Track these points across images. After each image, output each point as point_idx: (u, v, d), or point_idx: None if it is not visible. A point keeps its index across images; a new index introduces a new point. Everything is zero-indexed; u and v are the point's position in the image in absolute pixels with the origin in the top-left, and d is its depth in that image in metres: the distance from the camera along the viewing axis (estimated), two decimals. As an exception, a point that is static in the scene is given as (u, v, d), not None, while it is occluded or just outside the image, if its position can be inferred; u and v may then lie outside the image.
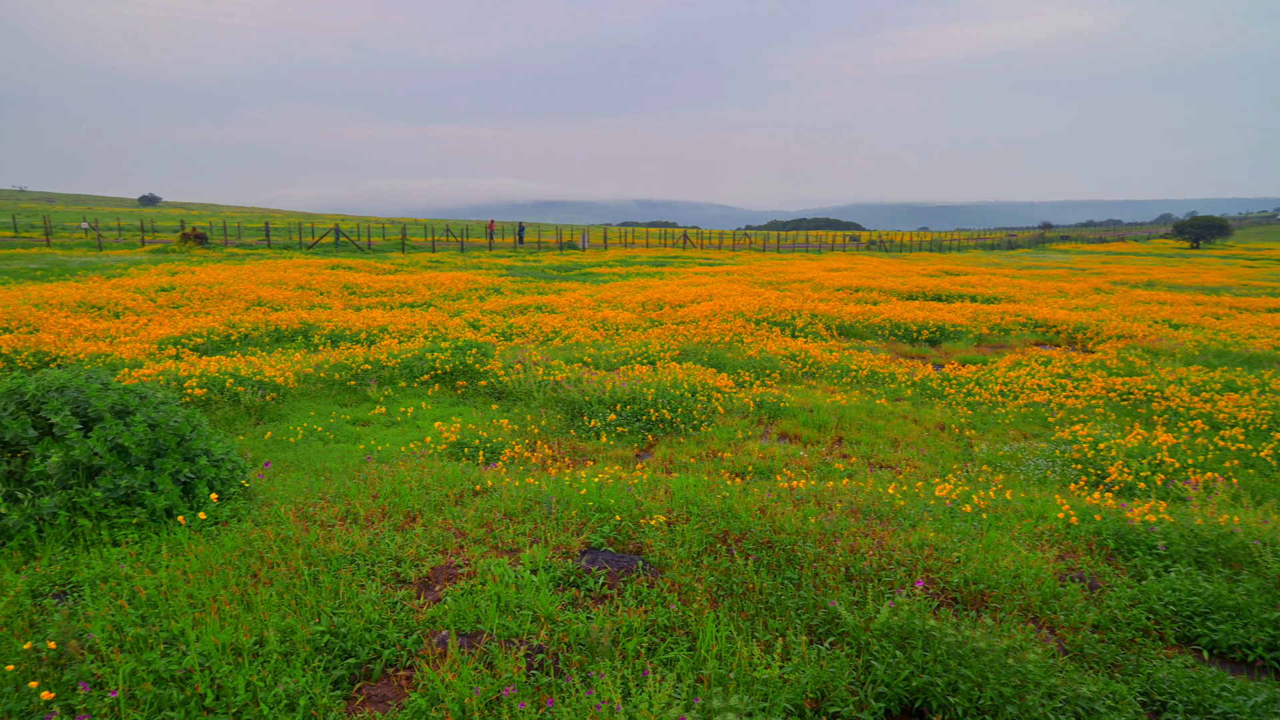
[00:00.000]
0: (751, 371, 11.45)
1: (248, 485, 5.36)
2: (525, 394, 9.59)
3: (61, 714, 2.92)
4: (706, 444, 7.97)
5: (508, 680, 3.17)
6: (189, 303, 17.09)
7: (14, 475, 4.72)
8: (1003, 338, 16.37)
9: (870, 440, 8.25)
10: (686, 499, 5.06)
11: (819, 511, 4.99)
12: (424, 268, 31.44)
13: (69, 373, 5.23)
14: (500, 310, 17.56)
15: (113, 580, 3.91)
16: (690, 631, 3.67)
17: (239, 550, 4.26)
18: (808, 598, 3.93)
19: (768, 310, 16.43)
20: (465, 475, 5.75)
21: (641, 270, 33.42)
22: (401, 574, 4.13)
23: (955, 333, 16.21)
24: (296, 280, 21.59)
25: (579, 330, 14.48)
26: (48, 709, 2.95)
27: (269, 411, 8.85)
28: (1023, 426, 9.12)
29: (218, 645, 3.31)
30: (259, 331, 13.43)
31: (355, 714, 3.10)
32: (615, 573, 4.19)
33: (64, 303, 15.25)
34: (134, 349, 11.42)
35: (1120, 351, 13.23)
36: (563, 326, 14.87)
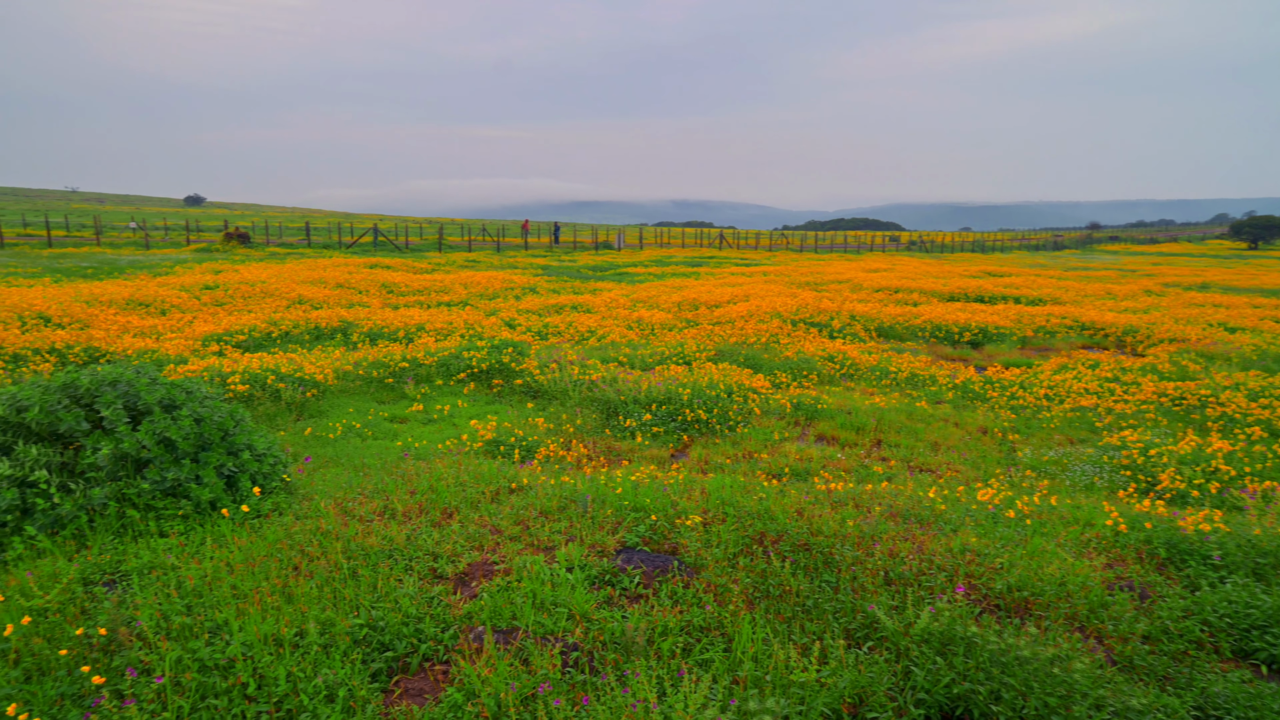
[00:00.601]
0: (788, 373, 11.37)
1: (289, 480, 5.47)
2: (561, 393, 9.64)
3: (111, 698, 3.02)
4: (742, 445, 7.93)
5: (543, 677, 3.20)
6: (232, 300, 17.51)
7: (67, 467, 4.88)
8: (1048, 340, 16.03)
9: (910, 443, 8.14)
10: (722, 500, 5.04)
11: (857, 514, 4.93)
12: (460, 267, 31.79)
13: (119, 368, 5.40)
14: (536, 309, 17.68)
15: (160, 570, 4.03)
16: (726, 633, 3.66)
17: (280, 543, 4.35)
18: (846, 601, 3.89)
19: (805, 311, 16.30)
20: (501, 473, 5.80)
21: (677, 270, 33.39)
22: (438, 569, 4.18)
23: (998, 335, 15.91)
24: (336, 279, 21.99)
25: (614, 330, 14.52)
26: (98, 693, 3.05)
27: (309, 408, 9.03)
28: (1069, 431, 8.92)
29: (260, 636, 3.38)
30: (299, 329, 13.71)
31: (393, 707, 3.14)
32: (650, 572, 4.19)
33: (113, 300, 15.73)
34: (179, 345, 11.74)
35: (1173, 355, 12.86)
36: (598, 326, 14.92)
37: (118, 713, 2.92)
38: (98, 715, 2.92)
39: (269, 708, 3.05)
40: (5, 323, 12.03)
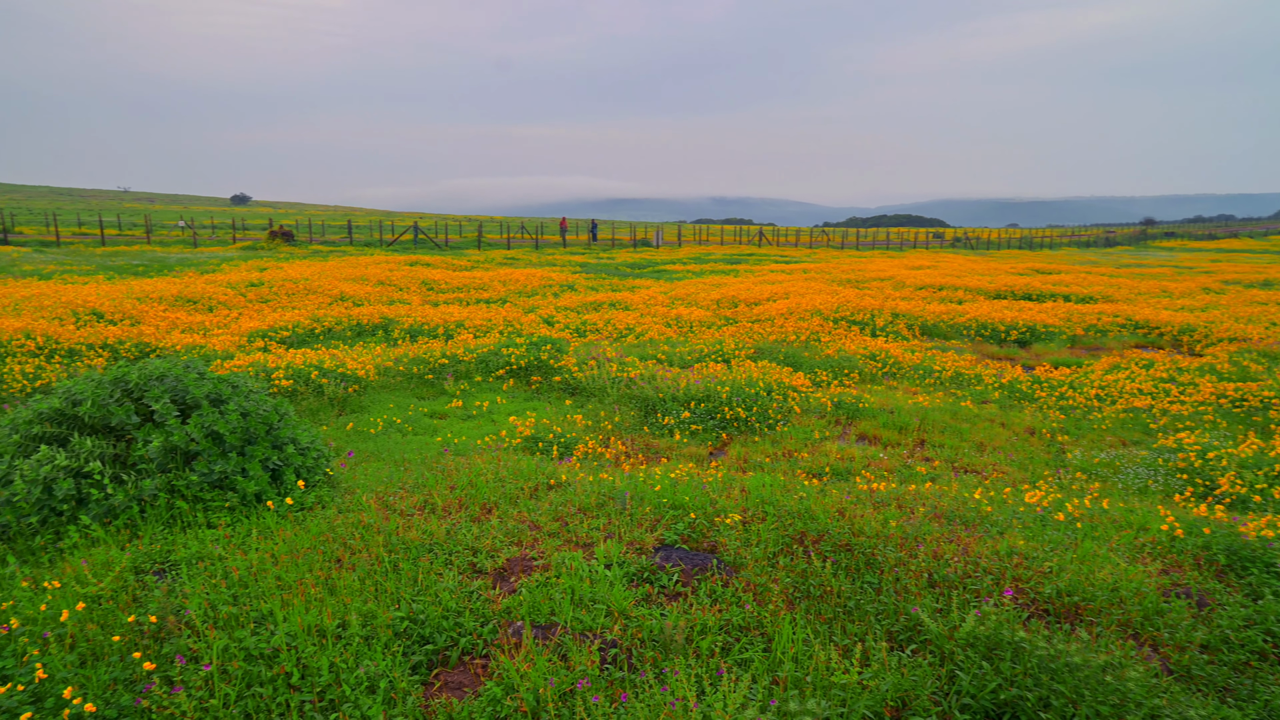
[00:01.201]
0: (829, 371, 11.26)
1: (331, 474, 5.58)
2: (599, 390, 9.67)
3: (161, 684, 3.11)
4: (782, 443, 7.87)
5: (582, 673, 3.21)
6: (276, 297, 17.91)
7: (119, 458, 5.04)
8: (1099, 339, 15.61)
9: (954, 443, 8.00)
10: (762, 498, 5.01)
11: (900, 515, 4.86)
12: (499, 264, 32.08)
13: (168, 363, 5.55)
14: (574, 307, 17.77)
15: (207, 560, 4.13)
16: (766, 632, 3.63)
17: (323, 536, 4.44)
18: (888, 603, 3.83)
19: (846, 309, 16.12)
20: (540, 469, 5.84)
21: (716, 268, 33.26)
22: (478, 564, 4.22)
23: (1047, 333, 15.54)
24: (377, 276, 22.35)
25: (653, 327, 14.52)
26: (148, 679, 3.14)
27: (350, 403, 9.20)
28: (1121, 433, 8.68)
29: (303, 626, 3.45)
30: (341, 325, 13.97)
31: (432, 699, 3.18)
32: (689, 570, 4.18)
33: (163, 296, 16.20)
34: (226, 341, 12.05)
35: (1233, 355, 12.42)
36: (636, 323, 14.94)
37: (168, 698, 3.00)
38: (149, 700, 3.01)
39: (312, 697, 3.11)
40: (61, 319, 12.46)
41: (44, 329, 10.95)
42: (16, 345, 10.23)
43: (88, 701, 2.92)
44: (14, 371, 9.23)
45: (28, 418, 5.04)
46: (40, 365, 9.72)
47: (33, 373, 9.35)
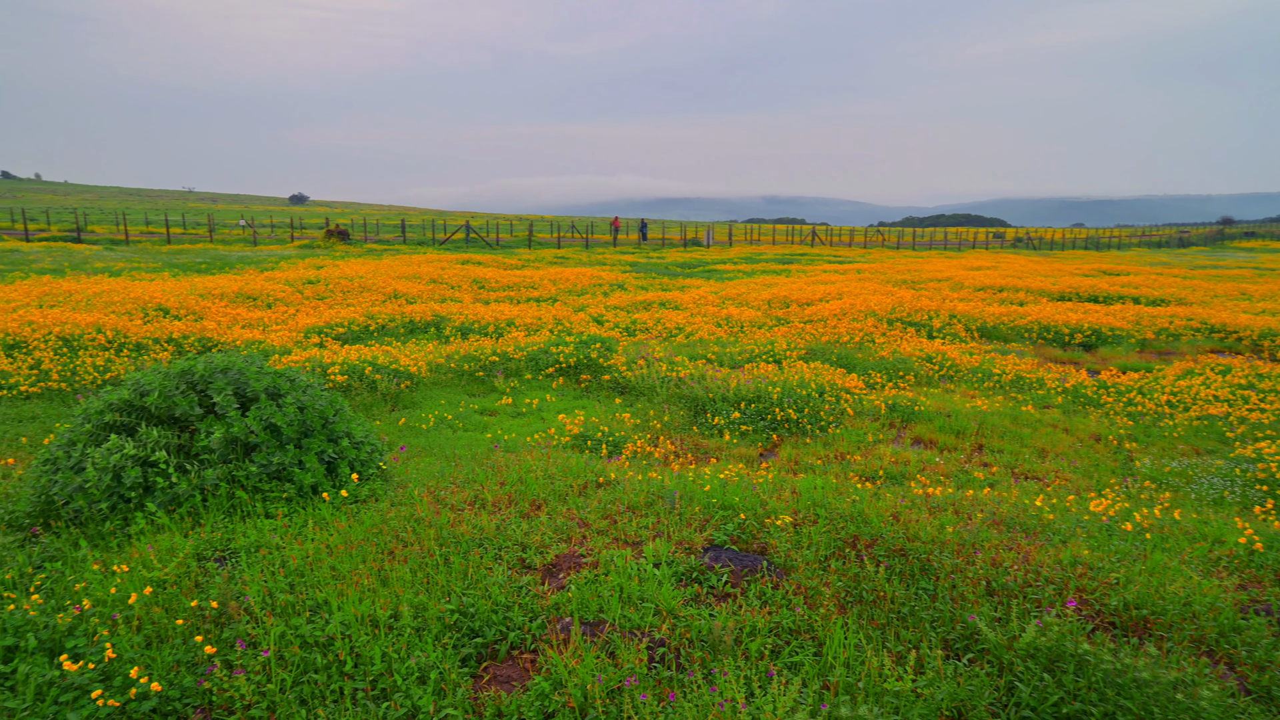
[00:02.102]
0: (883, 373, 11.07)
1: (384, 467, 5.70)
2: (648, 389, 9.69)
3: (221, 667, 3.22)
4: (834, 446, 7.77)
5: (629, 671, 3.22)
6: (332, 295, 18.38)
7: (183, 448, 5.24)
8: (1171, 344, 15.02)
9: (1014, 449, 7.79)
10: (814, 501, 4.95)
11: (957, 521, 4.75)
12: (549, 263, 32.38)
13: (230, 357, 5.75)
14: (624, 306, 17.82)
15: (266, 549, 4.26)
16: (816, 636, 3.59)
17: (376, 528, 4.54)
18: (944, 610, 3.76)
19: (901, 310, 15.83)
20: (589, 467, 5.87)
21: (767, 268, 33.01)
22: (527, 560, 4.27)
23: (1114, 337, 15.02)
24: (429, 275, 22.77)
25: (703, 327, 14.48)
26: (210, 662, 3.26)
27: (403, 399, 9.39)
28: (1194, 441, 8.34)
29: (357, 616, 3.54)
30: (395, 323, 14.27)
31: (482, 692, 3.23)
32: (739, 571, 4.16)
33: (224, 293, 16.77)
34: (284, 337, 12.42)
35: (1317, 361, 11.83)
36: (686, 323, 14.92)
37: (228, 681, 3.11)
38: (210, 683, 3.13)
39: (365, 685, 3.19)
40: (130, 314, 13.00)
41: (114, 324, 11.44)
42: (89, 339, 10.71)
43: (153, 681, 3.04)
44: (86, 364, 9.66)
45: (99, 408, 5.27)
46: (110, 358, 10.15)
47: (103, 365, 9.78)
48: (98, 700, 2.92)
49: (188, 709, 3.07)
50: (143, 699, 3.00)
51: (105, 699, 2.93)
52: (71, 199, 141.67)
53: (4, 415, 7.90)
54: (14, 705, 2.81)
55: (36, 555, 4.15)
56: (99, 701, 2.91)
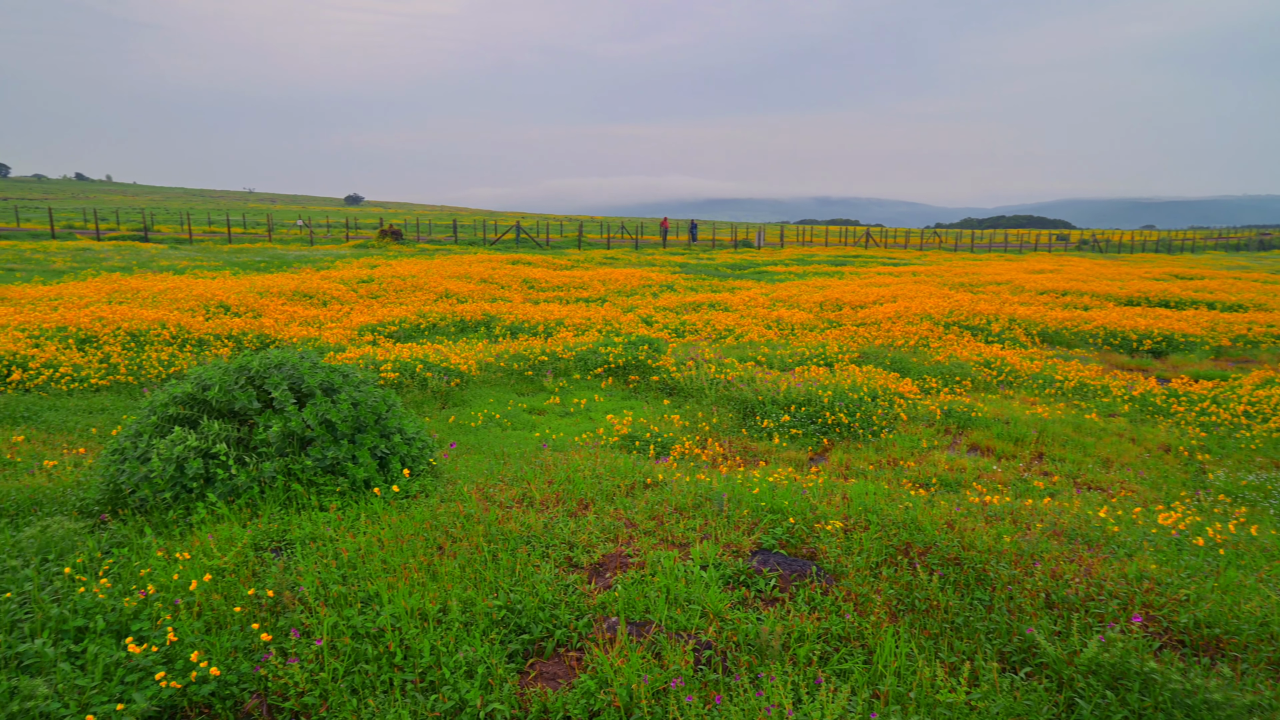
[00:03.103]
0: (939, 378, 10.86)
1: (435, 464, 5.81)
2: (697, 391, 9.68)
3: (277, 655, 3.32)
4: (887, 451, 7.65)
5: (675, 672, 3.22)
6: (385, 293, 18.79)
7: (242, 441, 5.42)
8: (1249, 351, 14.40)
9: (1077, 458, 7.56)
10: (865, 506, 4.89)
11: (1015, 530, 4.64)
12: (599, 264, 32.56)
13: (286, 353, 5.93)
14: (673, 307, 17.83)
15: (320, 541, 4.38)
16: (866, 644, 3.55)
17: (426, 523, 4.63)
18: (1000, 622, 3.67)
19: (959, 313, 15.50)
20: (636, 467, 5.89)
21: (819, 269, 32.65)
22: (574, 558, 4.30)
23: (1186, 343, 14.46)
24: (480, 274, 23.11)
25: (753, 329, 14.40)
26: (266, 649, 3.37)
27: (453, 397, 9.55)
28: (1273, 454, 7.97)
29: (407, 609, 3.62)
30: (445, 321, 14.53)
31: (528, 688, 3.27)
32: (787, 576, 4.13)
33: (281, 291, 17.28)
34: (338, 334, 12.74)
35: None
36: (736, 325, 14.85)
37: (283, 669, 3.21)
38: (266, 669, 3.23)
39: (414, 677, 3.26)
40: (193, 311, 13.50)
41: (178, 320, 11.89)
42: (154, 334, 11.15)
43: (212, 666, 3.16)
44: (152, 358, 10.07)
45: (164, 401, 5.49)
46: (174, 353, 10.56)
47: (167, 359, 10.17)
48: (160, 682, 3.04)
49: (244, 694, 3.18)
50: (202, 682, 3.11)
51: (167, 681, 3.05)
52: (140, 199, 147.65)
53: (75, 406, 8.28)
54: (84, 683, 2.94)
55: (105, 541, 4.34)
56: (162, 683, 3.03)
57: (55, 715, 2.77)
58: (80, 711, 2.84)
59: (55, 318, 11.19)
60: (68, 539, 4.19)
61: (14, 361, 9.03)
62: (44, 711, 2.77)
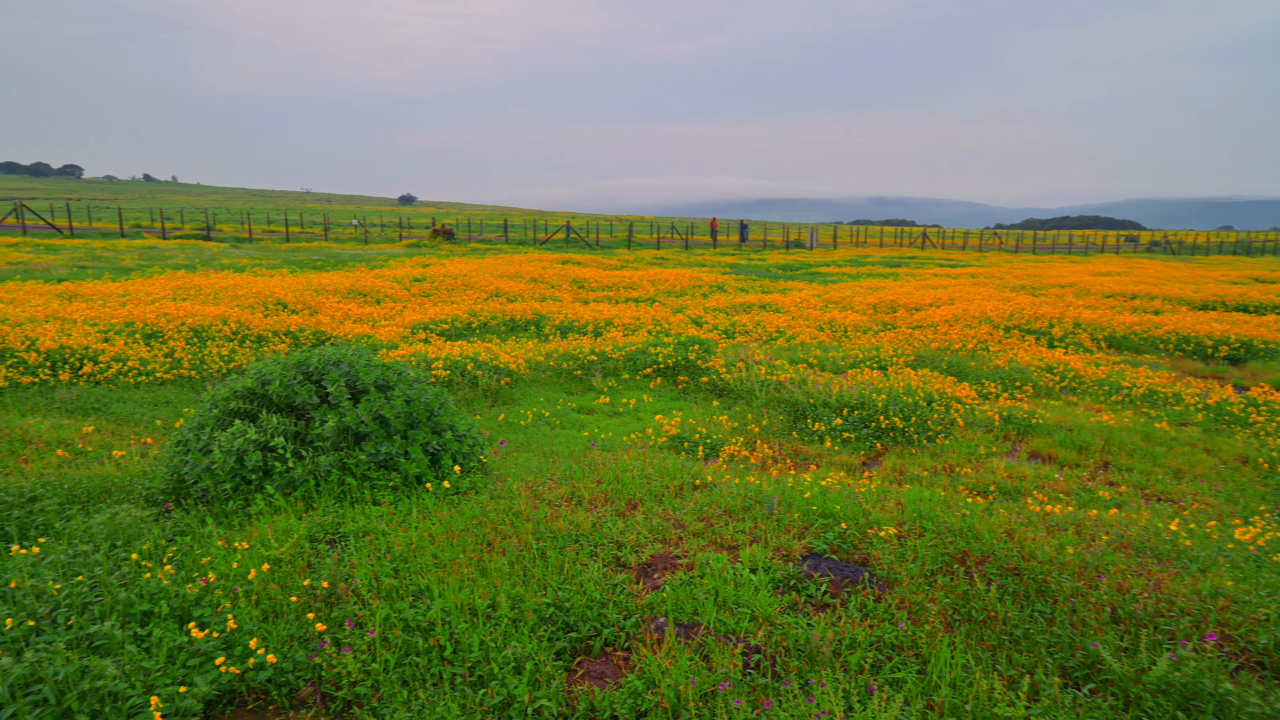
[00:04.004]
0: (998, 382, 10.60)
1: (485, 461, 5.89)
2: (747, 392, 9.62)
3: (331, 644, 3.41)
4: (942, 457, 7.50)
5: (723, 675, 3.21)
6: (437, 292, 19.12)
7: (299, 435, 5.57)
8: (1334, 359, 13.70)
9: (1145, 468, 7.29)
10: (920, 513, 4.80)
11: (1079, 541, 4.50)
12: (649, 264, 32.61)
13: (342, 350, 6.08)
14: (723, 308, 17.76)
15: (373, 534, 4.48)
16: (920, 654, 3.48)
17: (476, 519, 4.70)
18: (1062, 635, 3.56)
19: (1020, 316, 15.11)
20: (685, 469, 5.89)
21: (873, 270, 32.17)
22: (622, 558, 4.32)
23: (1267, 350, 13.84)
24: (530, 274, 23.35)
25: (804, 330, 14.26)
26: (320, 638, 3.46)
27: (502, 395, 9.67)
28: (1361, 468, 7.57)
29: (456, 604, 3.68)
30: (496, 320, 14.71)
31: (575, 686, 3.29)
32: (838, 581, 4.08)
33: (337, 289, 17.71)
34: (391, 332, 13.01)
35: None
36: (787, 326, 14.72)
37: (336, 658, 3.30)
38: (320, 658, 3.32)
39: (463, 671, 3.31)
40: (252, 308, 13.93)
41: (238, 316, 12.28)
42: (216, 330, 11.54)
43: (269, 653, 3.26)
44: (213, 353, 10.42)
45: (225, 395, 5.68)
46: (234, 348, 10.91)
47: (228, 355, 10.51)
48: (220, 667, 3.14)
49: (299, 681, 3.27)
50: (259, 669, 3.22)
51: (227, 666, 3.16)
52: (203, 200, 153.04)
53: (141, 399, 8.62)
54: (149, 665, 3.07)
55: (169, 529, 4.51)
56: (221, 668, 3.14)
57: (123, 695, 2.89)
58: (145, 692, 2.96)
59: (124, 313, 11.66)
60: (134, 526, 4.37)
61: (85, 355, 9.44)
62: (112, 691, 2.89)
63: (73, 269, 22.93)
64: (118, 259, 27.23)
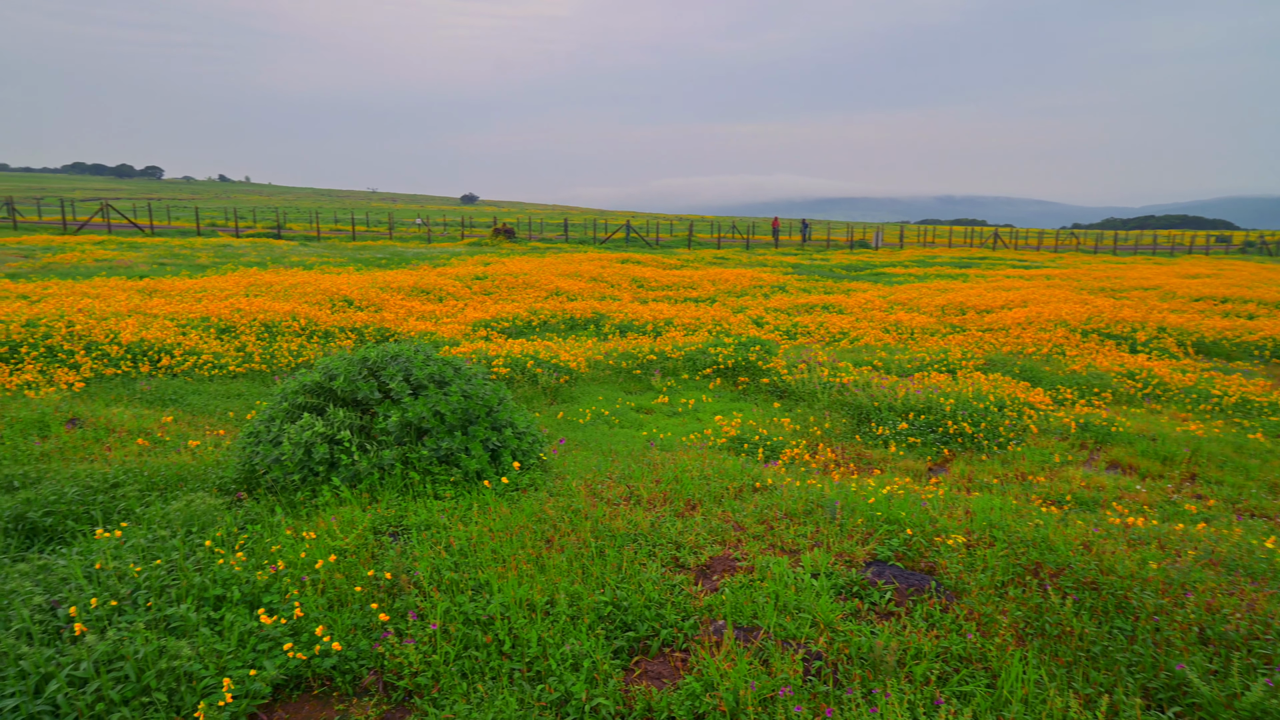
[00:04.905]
0: (1074, 388, 10.23)
1: (544, 458, 5.96)
2: (808, 394, 9.51)
3: (393, 635, 3.49)
4: (1014, 465, 7.28)
5: (783, 681, 3.18)
6: (498, 290, 19.41)
7: (364, 429, 5.73)
8: None
9: (1237, 481, 6.94)
10: (990, 522, 4.67)
11: (1163, 557, 4.31)
12: (709, 264, 32.50)
13: (401, 345, 6.23)
14: (785, 308, 17.59)
15: (434, 528, 4.58)
16: (990, 667, 3.38)
17: (535, 516, 4.76)
18: (1144, 655, 3.42)
19: (1099, 320, 14.55)
20: (745, 470, 5.85)
21: (942, 271, 31.41)
22: (680, 559, 4.32)
23: (1372, 359, 13.03)
24: (590, 273, 23.51)
25: (869, 332, 14.02)
26: (383, 628, 3.55)
27: (562, 393, 9.76)
28: None
29: (515, 599, 3.73)
30: (556, 319, 14.86)
31: (632, 685, 3.30)
32: (903, 590, 4.00)
33: (401, 287, 18.14)
34: (453, 329, 13.26)
35: None
36: (851, 328, 14.50)
37: (399, 648, 3.37)
38: (383, 647, 3.40)
39: (521, 666, 3.35)
40: (320, 304, 14.37)
41: (306, 312, 12.69)
42: (285, 325, 11.95)
43: (334, 641, 3.36)
44: (283, 348, 10.79)
45: (294, 388, 5.87)
46: (303, 344, 11.28)
47: (296, 349, 10.88)
48: (288, 652, 3.25)
49: (363, 669, 3.36)
50: (325, 656, 3.32)
51: (294, 652, 3.26)
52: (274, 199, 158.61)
53: (215, 391, 8.98)
54: (221, 648, 3.19)
55: (240, 517, 4.69)
56: (289, 653, 3.25)
57: (197, 675, 3.02)
58: (218, 674, 3.08)
59: (199, 308, 12.17)
60: (208, 514, 4.56)
61: (164, 348, 9.89)
62: (187, 671, 3.02)
63: (153, 265, 24.04)
64: (194, 256, 28.44)
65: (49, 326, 9.69)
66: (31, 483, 5.13)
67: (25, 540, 4.45)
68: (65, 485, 4.94)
